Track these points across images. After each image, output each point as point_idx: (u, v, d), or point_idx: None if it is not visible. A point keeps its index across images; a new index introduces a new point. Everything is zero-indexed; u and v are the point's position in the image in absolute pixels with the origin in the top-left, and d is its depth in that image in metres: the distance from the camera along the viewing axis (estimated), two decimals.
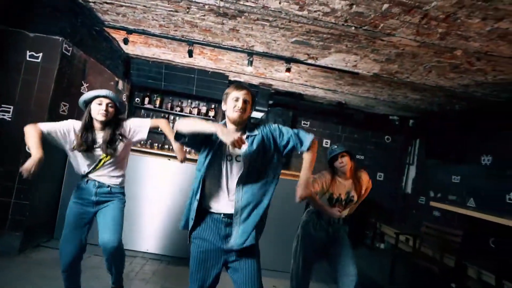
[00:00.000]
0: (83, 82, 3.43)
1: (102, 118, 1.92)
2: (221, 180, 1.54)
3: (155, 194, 3.38)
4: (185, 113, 5.25)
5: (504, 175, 3.78)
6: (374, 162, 5.71)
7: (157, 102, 5.20)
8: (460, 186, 4.42)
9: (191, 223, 1.55)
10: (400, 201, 5.68)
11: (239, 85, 1.60)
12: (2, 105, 2.84)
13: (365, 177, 2.41)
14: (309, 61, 3.48)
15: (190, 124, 1.48)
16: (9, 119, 2.84)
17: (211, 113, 5.26)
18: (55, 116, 2.95)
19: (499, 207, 3.73)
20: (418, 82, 3.59)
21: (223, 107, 1.61)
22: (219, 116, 5.32)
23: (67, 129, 1.94)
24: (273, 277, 3.01)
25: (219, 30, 3.08)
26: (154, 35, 3.42)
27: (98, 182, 2.02)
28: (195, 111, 5.26)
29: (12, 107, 2.85)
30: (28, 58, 2.88)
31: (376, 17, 2.31)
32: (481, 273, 3.26)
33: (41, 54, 2.90)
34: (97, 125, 1.97)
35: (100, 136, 1.97)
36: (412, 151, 5.71)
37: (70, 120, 2.00)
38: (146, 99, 5.18)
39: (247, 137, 1.55)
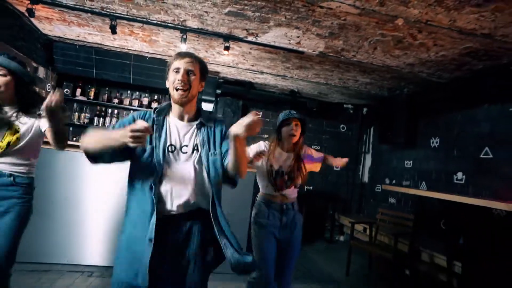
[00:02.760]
0: None
1: None
2: None
3: (81, 194, 2.87)
4: (125, 105, 4.72)
5: (451, 156, 3.77)
6: (330, 152, 5.50)
7: (91, 94, 4.61)
8: (413, 171, 4.39)
9: None
10: (358, 191, 5.60)
11: (181, 53, 1.29)
12: None
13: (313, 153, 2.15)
14: (249, 38, 3.18)
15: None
16: None
17: (154, 105, 4.77)
18: None
19: (448, 187, 3.70)
20: (365, 62, 3.44)
21: (167, 84, 1.28)
22: None
23: None
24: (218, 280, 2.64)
25: (142, 0, 2.67)
26: (66, 6, 2.91)
27: None
28: (135, 102, 4.74)
29: None
30: None
31: None
32: (433, 256, 3.16)
33: None
34: None
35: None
36: (367, 140, 5.66)
37: None
38: (78, 90, 4.57)
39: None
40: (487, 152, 3.26)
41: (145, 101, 4.77)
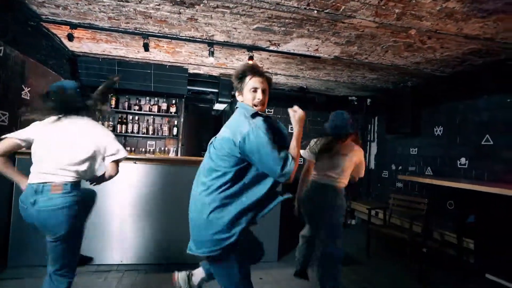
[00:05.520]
0: (23, 86, 3.04)
1: None
2: None
3: (122, 200, 3.15)
4: (144, 111, 4.95)
5: (454, 143, 4.15)
6: None
7: (112, 102, 4.82)
8: (418, 157, 4.78)
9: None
10: (365, 177, 5.99)
11: (255, 70, 1.43)
12: None
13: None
14: (271, 47, 3.44)
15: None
16: None
17: (172, 109, 5.02)
18: None
19: (452, 172, 4.10)
20: (375, 62, 3.73)
21: (237, 96, 1.48)
22: (181, 112, 5.10)
23: None
24: (259, 269, 3.00)
25: (176, 20, 2.88)
26: (102, 29, 3.11)
27: None
28: (155, 108, 4.97)
29: None
30: None
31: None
32: (443, 234, 3.58)
33: None
34: None
35: None
36: (372, 129, 6.02)
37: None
38: None
39: None
40: (488, 139, 3.64)
41: (164, 106, 5.01)
